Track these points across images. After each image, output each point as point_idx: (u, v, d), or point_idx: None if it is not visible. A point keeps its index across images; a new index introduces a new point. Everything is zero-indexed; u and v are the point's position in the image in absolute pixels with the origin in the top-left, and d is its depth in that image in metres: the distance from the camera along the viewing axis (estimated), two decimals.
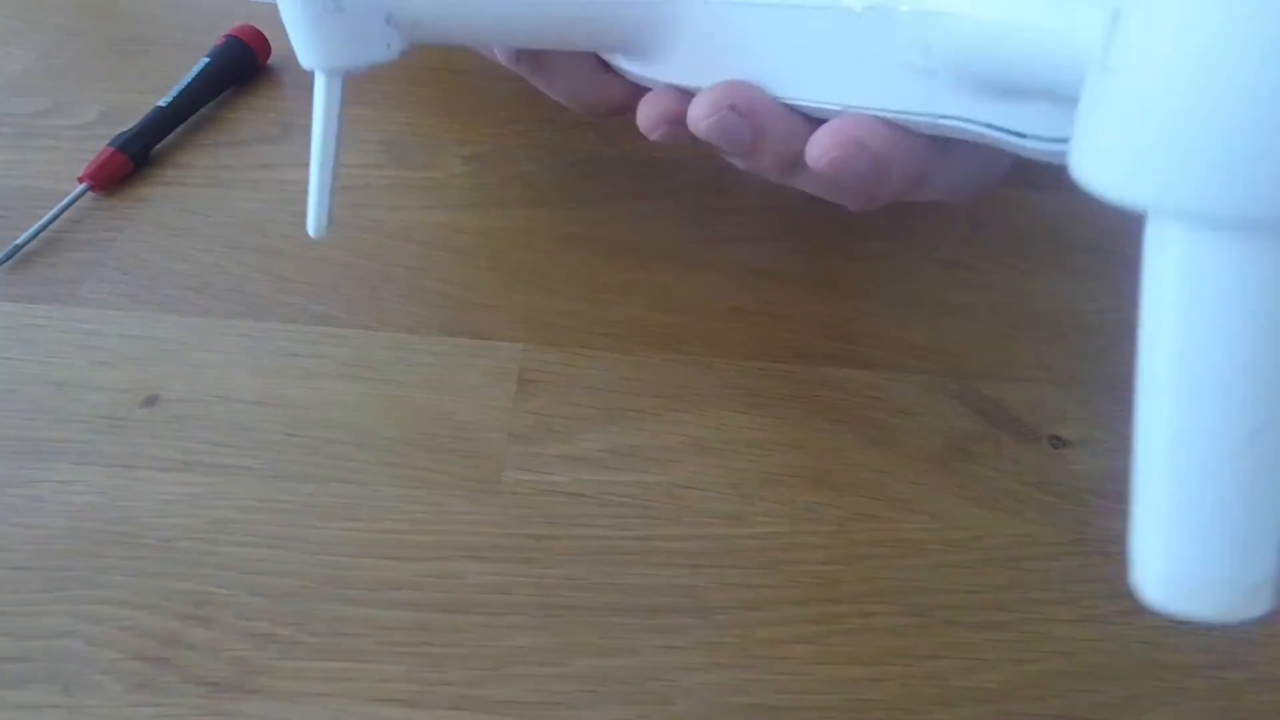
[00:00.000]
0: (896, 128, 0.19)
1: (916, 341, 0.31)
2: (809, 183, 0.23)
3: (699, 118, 0.21)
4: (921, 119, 0.19)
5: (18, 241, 0.31)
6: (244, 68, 0.40)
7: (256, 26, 0.40)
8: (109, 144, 0.35)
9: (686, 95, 0.23)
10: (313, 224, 0.26)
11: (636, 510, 0.26)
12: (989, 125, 0.18)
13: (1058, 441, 0.28)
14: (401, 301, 0.31)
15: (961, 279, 0.33)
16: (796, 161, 0.22)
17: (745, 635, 0.24)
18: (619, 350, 0.30)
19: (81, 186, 0.34)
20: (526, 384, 0.29)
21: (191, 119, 0.38)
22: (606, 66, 0.26)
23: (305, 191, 0.25)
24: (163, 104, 0.37)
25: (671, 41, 0.23)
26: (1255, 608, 0.12)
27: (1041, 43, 0.15)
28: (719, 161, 0.25)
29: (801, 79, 0.20)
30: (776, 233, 0.35)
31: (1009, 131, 0.17)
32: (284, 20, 0.22)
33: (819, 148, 0.20)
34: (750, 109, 0.21)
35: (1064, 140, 0.15)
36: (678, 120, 0.23)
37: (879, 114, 0.19)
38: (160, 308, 0.30)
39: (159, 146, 0.36)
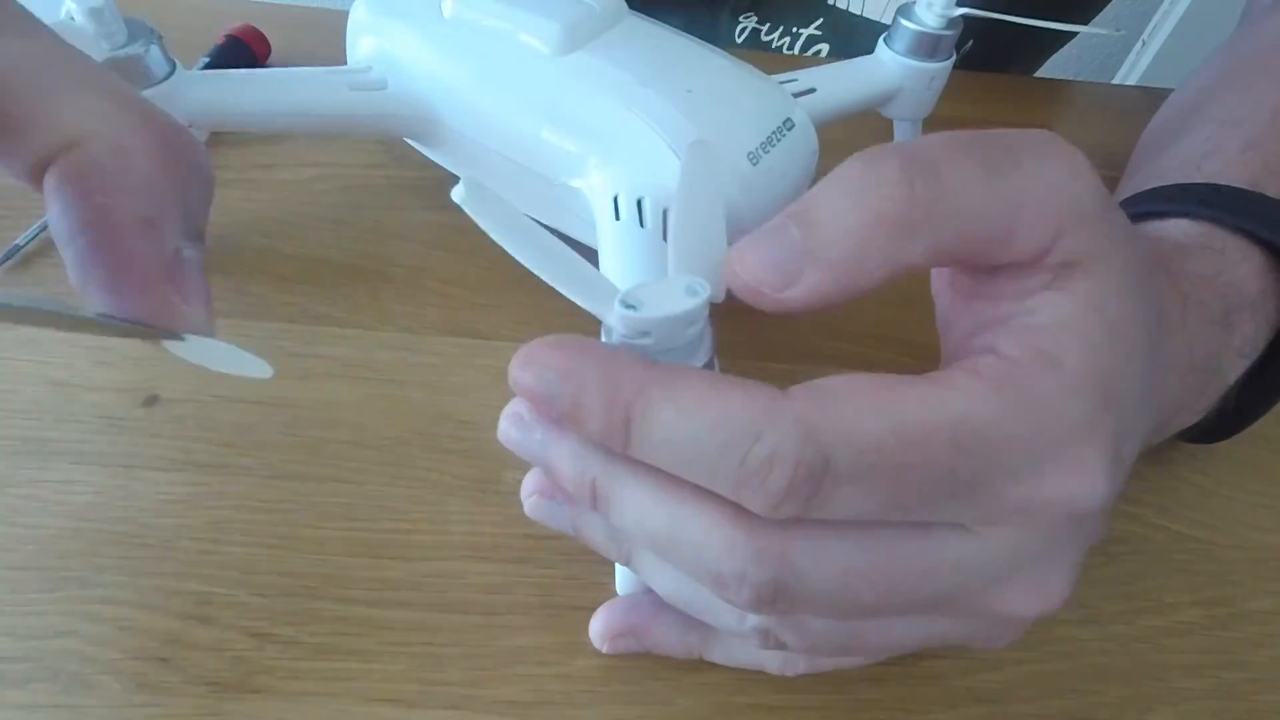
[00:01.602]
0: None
1: (918, 341, 0.31)
2: None
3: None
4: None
5: (18, 241, 0.31)
6: (244, 67, 0.40)
7: (256, 26, 0.40)
8: None
9: None
10: None
11: None
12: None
13: None
14: (401, 301, 0.31)
15: None
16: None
17: None
18: None
19: None
20: None
21: None
22: None
23: (304, 190, 0.25)
24: None
25: (441, 142, 0.31)
26: None
27: None
28: None
29: (518, 200, 0.28)
30: None
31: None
32: None
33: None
34: None
35: None
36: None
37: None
38: None
39: None
